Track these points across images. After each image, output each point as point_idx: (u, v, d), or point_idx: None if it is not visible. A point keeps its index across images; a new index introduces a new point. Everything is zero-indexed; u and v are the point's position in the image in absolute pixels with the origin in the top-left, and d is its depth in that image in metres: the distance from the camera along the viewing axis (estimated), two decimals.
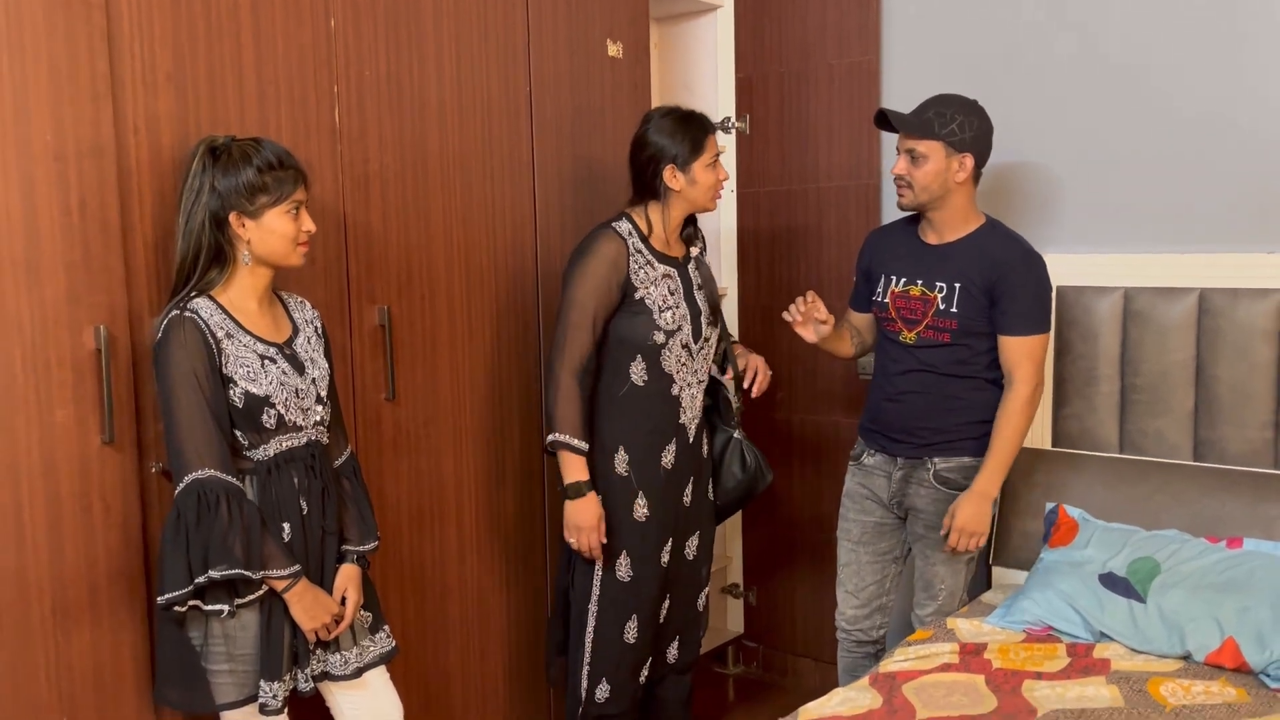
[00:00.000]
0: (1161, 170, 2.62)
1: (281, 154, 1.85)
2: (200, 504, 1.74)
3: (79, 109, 1.80)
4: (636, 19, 2.87)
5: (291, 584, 1.84)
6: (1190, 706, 1.98)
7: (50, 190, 1.77)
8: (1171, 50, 2.58)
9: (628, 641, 2.43)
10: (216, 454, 1.77)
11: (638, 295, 2.35)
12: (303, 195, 1.87)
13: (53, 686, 1.81)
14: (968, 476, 2.41)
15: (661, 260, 2.40)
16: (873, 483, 2.55)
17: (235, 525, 1.76)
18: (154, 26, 1.89)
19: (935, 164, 2.35)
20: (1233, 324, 2.46)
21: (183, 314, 1.78)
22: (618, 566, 2.41)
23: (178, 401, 1.76)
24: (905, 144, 2.38)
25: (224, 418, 1.80)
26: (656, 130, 2.38)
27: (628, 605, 2.42)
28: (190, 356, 1.75)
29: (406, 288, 2.34)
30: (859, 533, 2.58)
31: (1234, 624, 2.14)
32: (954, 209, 2.40)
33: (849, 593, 2.60)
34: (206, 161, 1.81)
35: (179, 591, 1.74)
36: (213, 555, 1.74)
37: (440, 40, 2.38)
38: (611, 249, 2.34)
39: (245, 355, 1.82)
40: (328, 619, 1.89)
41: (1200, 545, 2.35)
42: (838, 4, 3.12)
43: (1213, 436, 2.52)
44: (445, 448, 2.45)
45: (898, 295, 2.47)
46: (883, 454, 2.52)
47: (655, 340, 2.36)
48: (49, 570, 1.80)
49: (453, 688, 2.52)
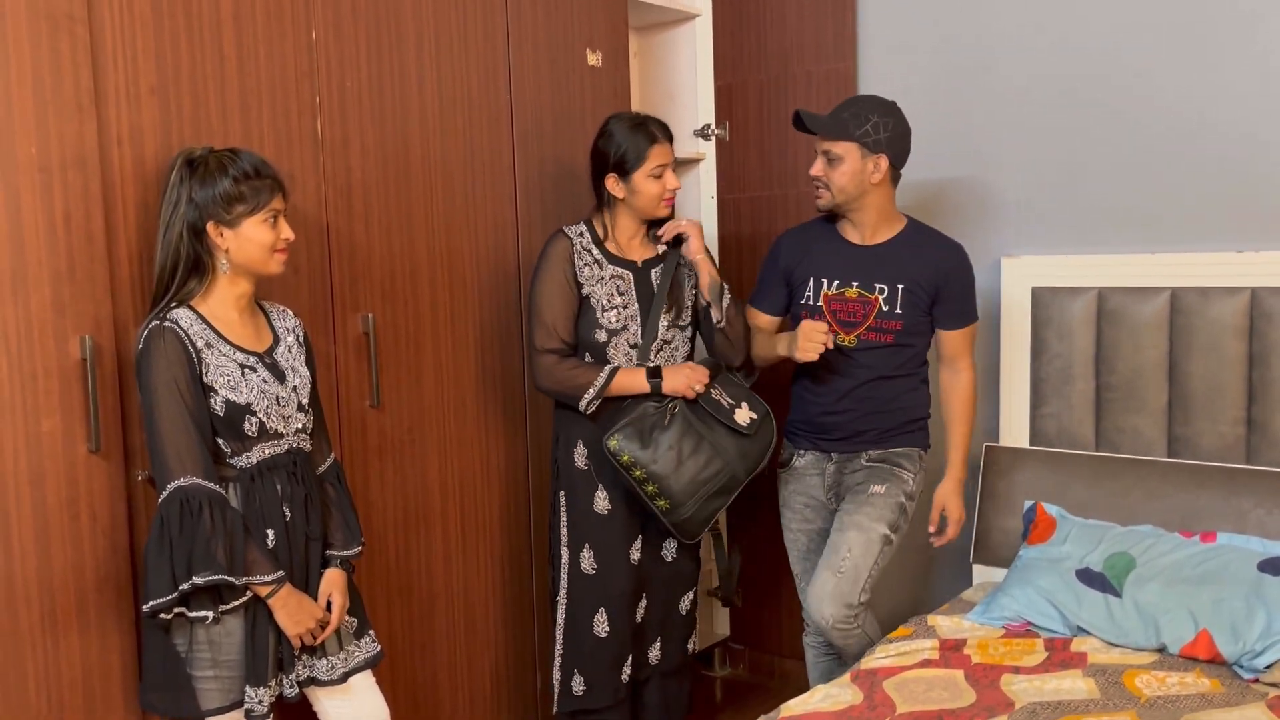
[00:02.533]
0: (1132, 173, 2.67)
1: (258, 163, 1.87)
2: (183, 511, 1.76)
3: (63, 121, 1.82)
4: (615, 28, 2.90)
5: (275, 590, 1.86)
6: (1165, 697, 2.02)
7: (35, 202, 1.79)
8: (1141, 55, 2.63)
9: (598, 635, 2.47)
10: (199, 462, 1.79)
11: (584, 293, 2.42)
12: (280, 204, 1.89)
13: (42, 692, 1.82)
14: (897, 457, 2.48)
15: (612, 261, 2.44)
16: (806, 486, 2.57)
17: (219, 532, 1.78)
18: (137, 39, 1.92)
19: (851, 165, 2.38)
20: (1204, 322, 2.50)
21: (163, 324, 1.80)
22: (581, 559, 2.46)
23: (160, 410, 1.78)
24: (821, 145, 2.41)
25: (206, 426, 1.82)
26: (605, 138, 2.41)
27: (594, 597, 2.46)
28: (171, 365, 1.78)
29: (390, 295, 2.37)
30: (806, 542, 2.59)
31: (1208, 616, 2.18)
32: (873, 209, 2.44)
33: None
34: (184, 173, 1.84)
35: (164, 598, 1.75)
36: (196, 562, 1.76)
37: (421, 51, 2.41)
38: (558, 248, 2.42)
39: (225, 364, 1.85)
40: (312, 624, 1.91)
41: (1175, 540, 2.39)
42: (815, 12, 3.16)
43: (1186, 433, 2.56)
44: (430, 454, 2.48)
45: (832, 298, 2.47)
46: (814, 452, 2.56)
47: (597, 338, 2.41)
48: (37, 578, 1.82)
49: (440, 693, 2.54)
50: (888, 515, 2.40)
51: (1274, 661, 2.07)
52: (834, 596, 2.32)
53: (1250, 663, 2.10)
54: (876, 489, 2.42)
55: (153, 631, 1.83)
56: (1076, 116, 2.73)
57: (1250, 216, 2.51)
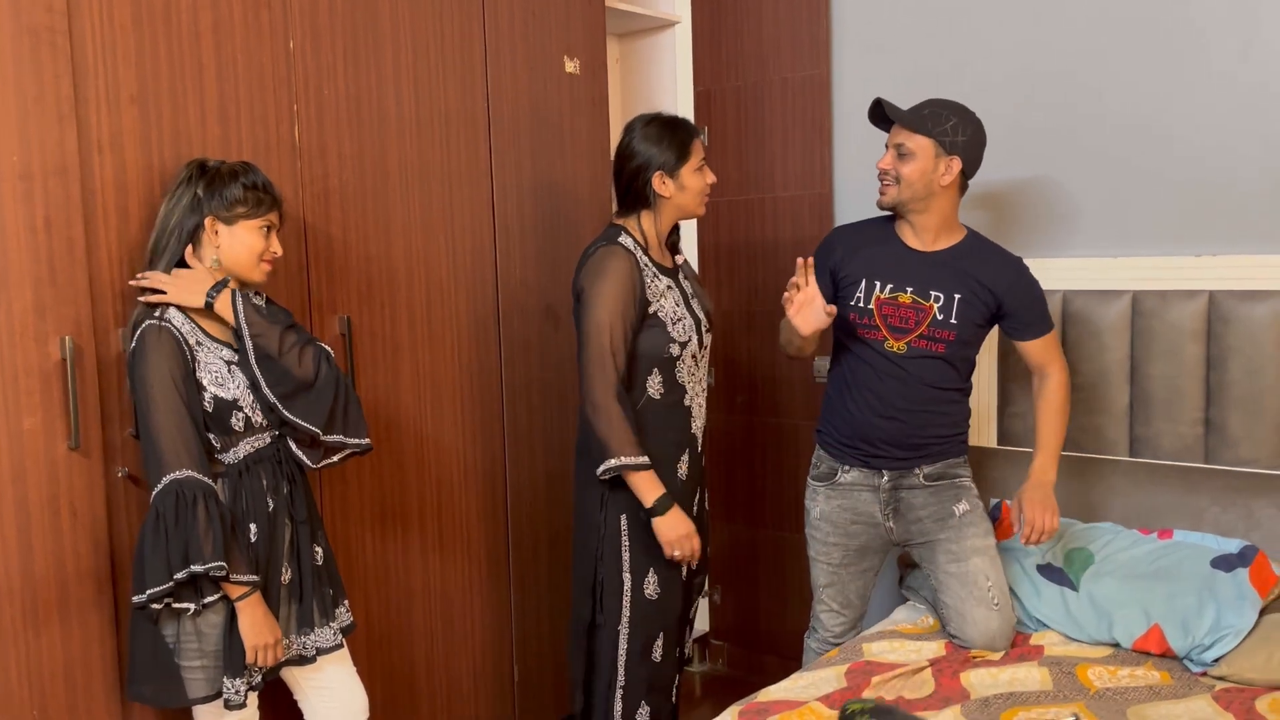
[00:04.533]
0: (1097, 179, 2.73)
1: (266, 181, 1.98)
2: (179, 503, 1.82)
3: (44, 129, 1.88)
4: (593, 36, 2.96)
5: (248, 593, 1.90)
6: (1114, 689, 2.08)
7: (17, 208, 1.85)
8: (1106, 66, 2.69)
9: (654, 660, 2.42)
10: (194, 456, 1.85)
11: (652, 309, 2.33)
12: (275, 219, 1.99)
13: (24, 683, 1.88)
14: (952, 469, 2.41)
15: (662, 272, 2.39)
16: (856, 502, 2.44)
17: (213, 523, 1.84)
18: (117, 49, 1.98)
19: (923, 162, 2.31)
20: (1164, 324, 2.56)
21: (159, 323, 1.87)
22: (646, 584, 2.39)
23: (156, 406, 1.84)
24: (896, 138, 2.34)
25: (199, 422, 1.89)
26: (642, 138, 2.37)
27: (655, 623, 2.40)
28: (168, 362, 1.85)
29: (367, 297, 2.43)
30: (841, 556, 2.49)
31: (1161, 611, 2.24)
32: (937, 214, 2.36)
33: (835, 611, 2.54)
34: (195, 173, 1.94)
35: (160, 587, 1.81)
36: (193, 552, 1.81)
37: (398, 58, 2.47)
38: (625, 266, 2.30)
39: (212, 361, 1.92)
40: (269, 640, 1.92)
41: (1133, 536, 2.45)
42: (790, 20, 3.22)
43: (1147, 433, 2.62)
44: (408, 453, 2.54)
45: (884, 301, 2.37)
46: (861, 469, 2.44)
47: (671, 353, 2.35)
48: (20, 572, 1.88)
49: (418, 685, 2.60)
50: (987, 525, 2.40)
51: (1222, 655, 2.13)
52: (1002, 630, 2.31)
53: (1199, 656, 2.16)
54: (961, 508, 2.38)
55: (141, 623, 1.88)
56: (1044, 124, 2.80)
57: (1208, 222, 2.57)
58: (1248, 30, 2.49)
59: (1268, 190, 2.49)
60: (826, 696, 2.08)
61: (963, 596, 2.32)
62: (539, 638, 2.90)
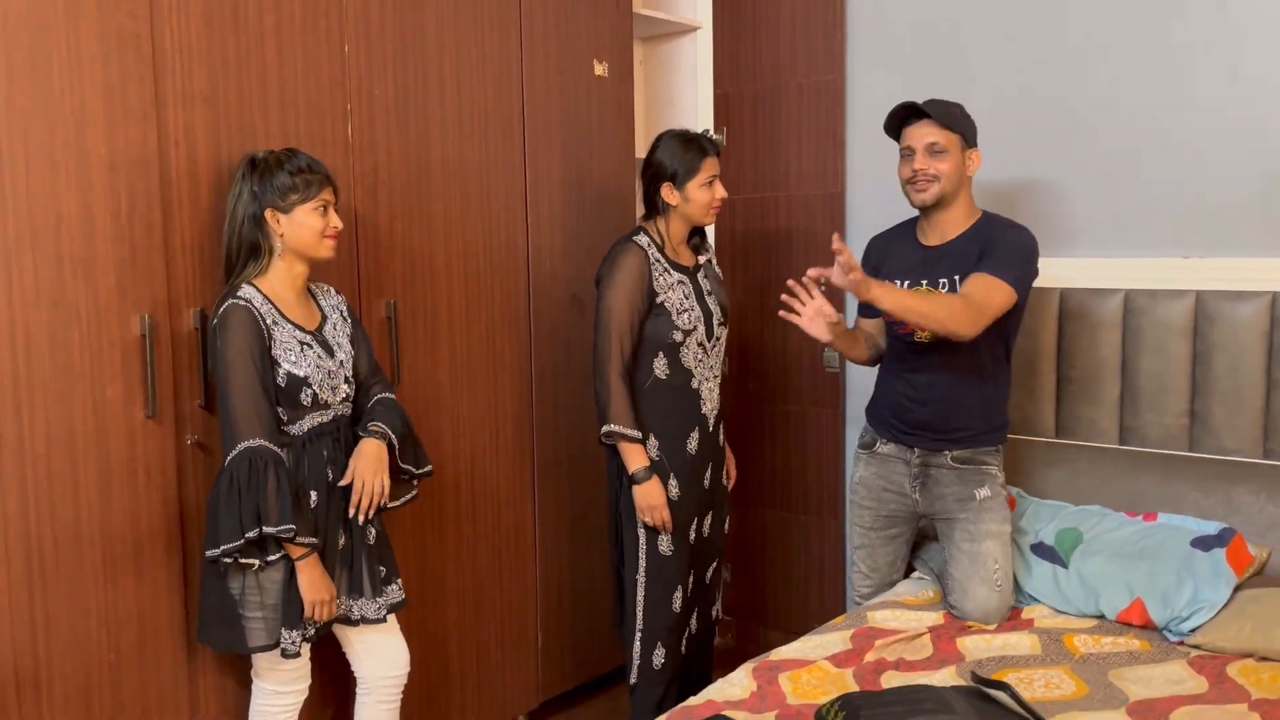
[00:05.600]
0: (1094, 186, 2.90)
1: (310, 161, 2.14)
2: (251, 469, 2.00)
3: (128, 126, 2.06)
4: (621, 41, 3.14)
5: (308, 554, 2.09)
6: (1097, 654, 2.26)
7: (104, 197, 2.04)
8: (1103, 79, 2.86)
9: (675, 610, 2.67)
10: (267, 426, 2.03)
11: (659, 299, 2.62)
12: (330, 196, 2.15)
13: (102, 627, 2.08)
14: (980, 456, 2.54)
15: (675, 268, 2.66)
16: (890, 471, 2.64)
17: (282, 489, 2.02)
18: (191, 53, 2.16)
19: (955, 157, 2.45)
20: (1153, 322, 2.73)
21: (239, 302, 2.05)
22: (660, 542, 2.65)
23: (234, 378, 2.02)
24: (927, 137, 2.44)
25: (271, 395, 2.07)
26: (662, 150, 2.64)
27: (673, 576, 2.66)
28: (248, 337, 2.02)
29: (410, 283, 2.61)
30: (872, 519, 2.69)
31: (1143, 586, 2.42)
32: (960, 204, 2.50)
33: (864, 574, 2.74)
34: (246, 170, 2.11)
35: (233, 544, 1.98)
36: (264, 514, 1.99)
37: (442, 62, 2.65)
38: (635, 260, 2.61)
39: (288, 340, 2.10)
40: (325, 598, 2.11)
41: (1119, 519, 2.63)
42: (806, 29, 3.39)
43: (1136, 423, 2.79)
44: (444, 427, 2.72)
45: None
46: (896, 443, 2.62)
47: (674, 338, 2.62)
48: (99, 527, 2.07)
49: (450, 645, 2.78)
50: (1005, 512, 2.55)
51: (1198, 626, 2.30)
52: (999, 609, 2.46)
53: (1177, 627, 2.33)
54: (983, 493, 2.51)
55: (210, 576, 2.08)
56: (1046, 135, 2.97)
57: (1196, 227, 2.74)
58: (1235, 53, 2.66)
59: (1251, 199, 2.66)
60: (833, 656, 2.26)
61: (970, 573, 2.49)
62: (560, 607, 3.09)
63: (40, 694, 2.00)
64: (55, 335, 1.99)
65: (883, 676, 2.16)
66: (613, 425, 2.58)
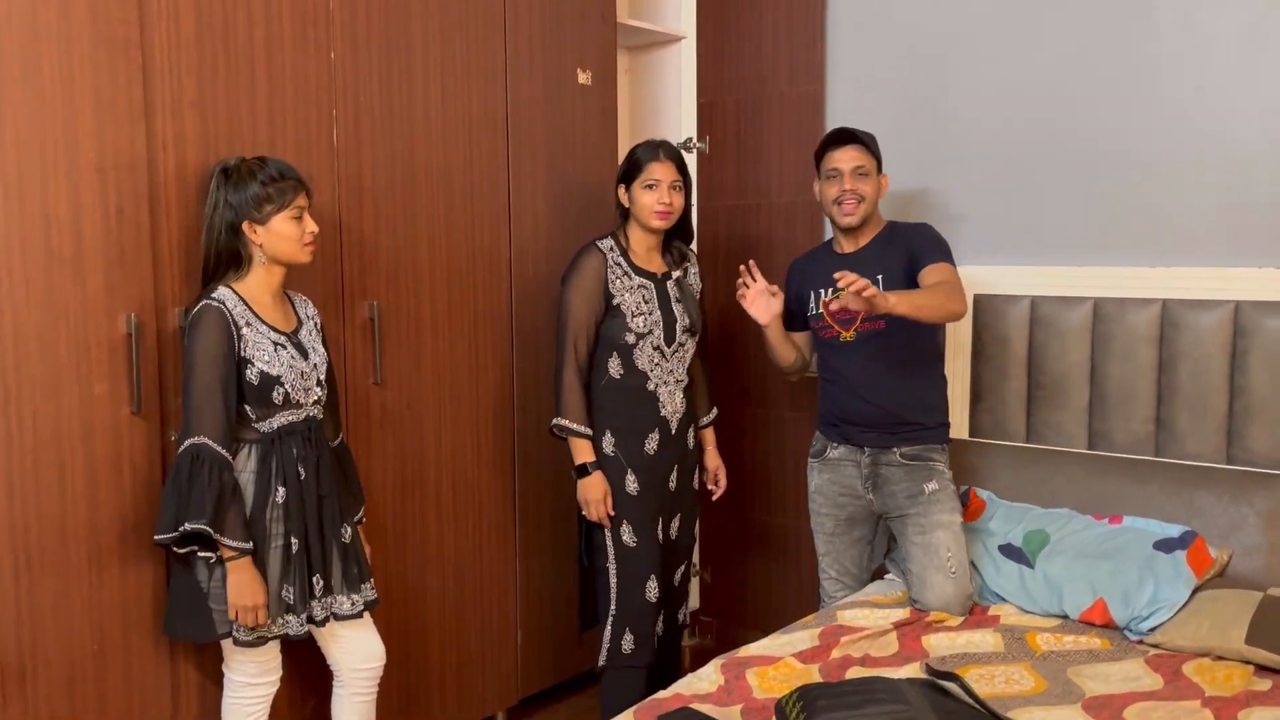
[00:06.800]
0: (1064, 195, 2.97)
1: (283, 168, 2.18)
2: (193, 465, 2.06)
3: (118, 129, 2.12)
4: (605, 51, 3.20)
5: (237, 557, 2.11)
6: (1059, 652, 2.32)
7: (93, 198, 2.09)
8: (1073, 94, 2.93)
9: (649, 599, 2.73)
10: (218, 427, 2.09)
11: (614, 301, 2.69)
12: (304, 201, 2.19)
13: (87, 617, 2.13)
14: (928, 453, 2.66)
15: (637, 273, 2.73)
16: (841, 475, 2.76)
17: (212, 488, 2.06)
18: (181, 60, 2.22)
19: (874, 179, 2.72)
20: (1121, 330, 2.80)
21: (211, 303, 2.11)
22: (623, 533, 2.72)
23: (196, 376, 2.08)
24: (854, 161, 2.68)
25: (232, 396, 2.12)
26: (626, 155, 2.75)
27: (642, 566, 2.72)
28: (215, 338, 2.08)
29: (394, 285, 2.67)
30: (833, 525, 2.81)
31: (1105, 586, 2.48)
32: (873, 221, 2.76)
33: (833, 578, 2.84)
34: (220, 180, 2.16)
35: (166, 535, 2.06)
36: (193, 510, 2.04)
37: (427, 70, 2.71)
38: (594, 263, 2.70)
39: (261, 341, 2.15)
40: (251, 605, 2.12)
41: (1086, 521, 2.69)
42: (788, 39, 3.46)
43: (1104, 428, 2.85)
44: (427, 428, 2.78)
45: (829, 303, 2.74)
46: (846, 445, 2.75)
47: (626, 340, 2.70)
48: (86, 520, 2.12)
49: (430, 643, 2.83)
50: (954, 504, 2.65)
51: (1157, 625, 2.36)
52: (957, 597, 2.55)
53: (1137, 626, 2.39)
54: (931, 487, 2.63)
55: (178, 567, 2.13)
56: (1018, 144, 3.04)
57: (1163, 237, 2.81)
58: (1201, 70, 2.73)
59: (1216, 211, 2.73)
60: (800, 653, 2.32)
61: (925, 564, 2.57)
62: (540, 606, 3.14)
63: (25, 683, 2.05)
64: (44, 333, 2.05)
65: (848, 672, 2.22)
66: (561, 419, 2.69)
